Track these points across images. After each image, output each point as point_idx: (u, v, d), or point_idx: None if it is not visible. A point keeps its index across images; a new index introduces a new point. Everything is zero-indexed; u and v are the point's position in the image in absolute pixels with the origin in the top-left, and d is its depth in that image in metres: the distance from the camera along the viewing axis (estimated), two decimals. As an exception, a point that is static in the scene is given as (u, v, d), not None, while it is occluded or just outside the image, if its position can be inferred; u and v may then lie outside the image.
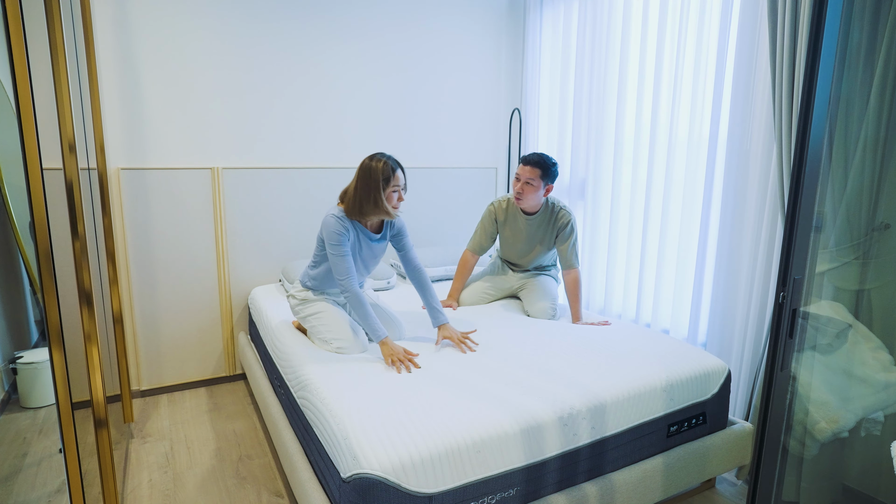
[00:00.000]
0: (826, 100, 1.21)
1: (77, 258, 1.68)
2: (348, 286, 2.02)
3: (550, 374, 1.86)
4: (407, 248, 2.25)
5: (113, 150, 2.67)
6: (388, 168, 2.04)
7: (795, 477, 1.65)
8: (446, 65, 3.42)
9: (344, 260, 2.02)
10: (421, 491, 1.43)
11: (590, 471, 1.75)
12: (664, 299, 2.70)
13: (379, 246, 2.20)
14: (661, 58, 2.58)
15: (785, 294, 1.24)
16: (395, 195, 2.07)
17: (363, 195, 2.04)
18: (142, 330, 2.85)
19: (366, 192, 2.03)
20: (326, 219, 2.05)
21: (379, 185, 2.02)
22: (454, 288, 2.72)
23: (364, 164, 2.07)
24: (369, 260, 2.20)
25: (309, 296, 2.21)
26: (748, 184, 2.26)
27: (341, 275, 2.02)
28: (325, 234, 2.04)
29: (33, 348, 2.20)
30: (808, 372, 1.59)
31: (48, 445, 1.98)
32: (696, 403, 1.95)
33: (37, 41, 1.76)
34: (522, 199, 2.46)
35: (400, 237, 2.24)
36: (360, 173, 2.05)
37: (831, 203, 1.58)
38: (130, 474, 2.21)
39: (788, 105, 1.91)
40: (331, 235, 2.02)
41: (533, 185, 2.42)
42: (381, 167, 2.03)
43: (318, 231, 2.13)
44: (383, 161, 2.05)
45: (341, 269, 2.02)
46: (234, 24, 2.84)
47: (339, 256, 2.02)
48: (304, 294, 2.22)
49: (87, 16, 2.34)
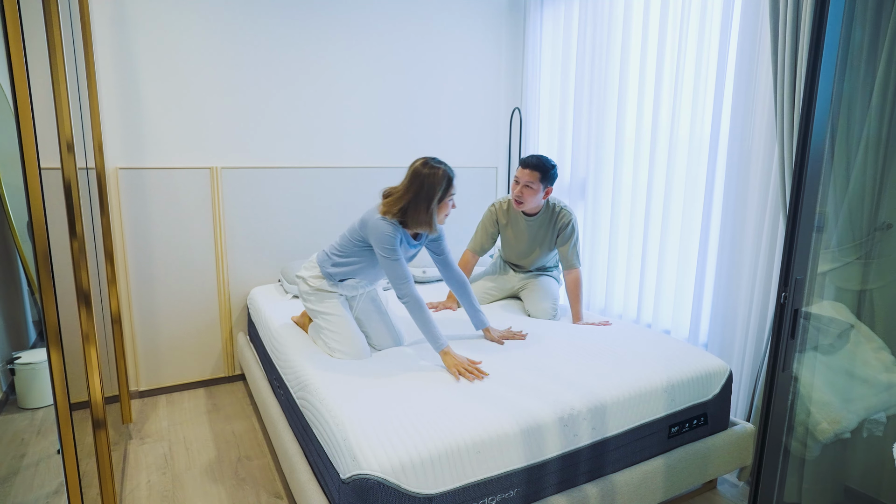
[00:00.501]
0: (828, 99, 1.20)
1: (75, 258, 1.67)
2: (408, 290, 1.93)
3: (551, 374, 1.85)
4: (446, 252, 2.16)
5: (111, 150, 2.66)
6: (446, 178, 1.93)
7: (797, 478, 1.64)
8: (446, 63, 3.41)
9: (399, 264, 1.93)
10: (421, 492, 1.42)
11: (590, 472, 1.74)
12: (665, 299, 2.69)
13: (415, 251, 2.12)
14: (662, 56, 2.57)
15: (787, 294, 1.23)
16: (450, 204, 1.98)
17: (414, 205, 1.93)
18: (140, 330, 2.84)
19: (418, 203, 1.92)
20: (376, 223, 1.94)
21: (434, 197, 1.92)
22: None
23: (417, 170, 1.94)
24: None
25: (324, 286, 2.12)
26: (749, 183, 2.25)
27: (399, 279, 1.93)
28: (376, 238, 1.94)
29: (31, 349, 2.19)
30: (809, 372, 1.59)
31: (46, 446, 1.98)
32: (698, 404, 1.95)
33: (35, 40, 1.75)
34: (523, 203, 2.45)
35: (438, 241, 2.15)
36: (414, 181, 1.93)
37: (833, 203, 1.57)
38: (129, 475, 2.20)
39: (790, 104, 1.91)
40: (384, 240, 1.92)
41: (532, 188, 2.40)
42: (440, 176, 1.92)
43: (353, 226, 2.05)
44: (441, 169, 1.93)
45: (399, 274, 1.93)
46: (234, 23, 2.83)
47: (394, 261, 1.93)
48: (320, 283, 2.13)
49: (85, 14, 2.33)
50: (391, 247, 1.93)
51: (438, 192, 1.93)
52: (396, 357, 2.02)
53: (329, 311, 2.10)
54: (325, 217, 3.19)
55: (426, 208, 1.94)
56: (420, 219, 1.95)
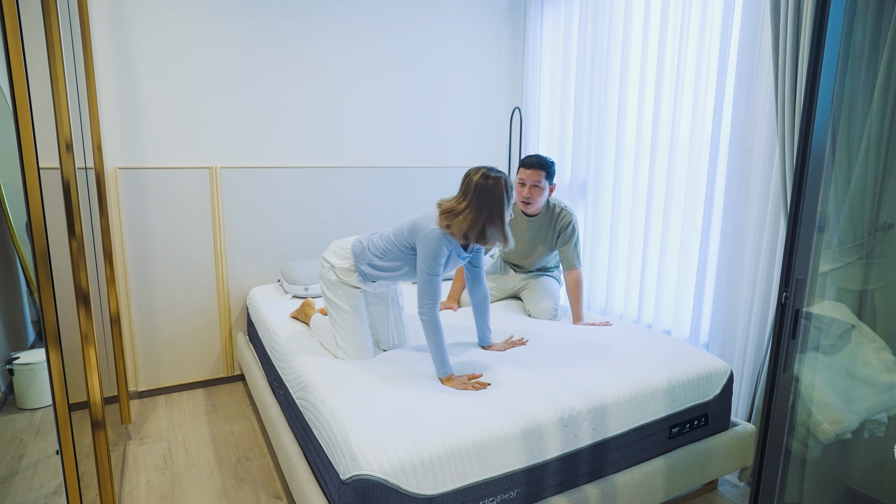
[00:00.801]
0: (829, 98, 1.20)
1: (74, 258, 1.67)
2: (431, 312, 1.86)
3: (551, 374, 1.84)
4: (482, 265, 2.12)
5: (110, 149, 2.65)
6: (510, 188, 1.85)
7: (798, 479, 1.63)
8: (446, 63, 3.40)
9: (435, 281, 1.86)
10: (421, 493, 1.41)
11: (591, 472, 1.73)
12: (666, 300, 2.69)
13: (462, 262, 2.03)
14: (663, 55, 2.56)
15: (788, 294, 1.23)
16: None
17: (489, 221, 1.84)
18: (139, 330, 2.83)
19: (492, 219, 1.84)
20: (431, 233, 1.85)
21: (505, 210, 1.84)
22: (454, 289, 2.71)
23: (480, 183, 1.84)
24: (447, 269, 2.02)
25: (352, 281, 2.05)
26: (751, 183, 2.24)
27: (428, 297, 1.86)
28: (426, 250, 1.85)
29: (30, 349, 2.19)
30: (810, 373, 1.58)
31: (45, 447, 1.97)
32: (698, 405, 1.94)
33: (33, 39, 1.75)
34: (531, 203, 2.45)
35: (480, 253, 2.09)
36: (483, 196, 1.83)
37: (834, 203, 1.57)
38: (128, 476, 2.19)
39: (791, 103, 1.90)
40: (433, 254, 1.84)
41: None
42: (506, 186, 1.84)
43: (401, 230, 1.96)
44: (502, 178, 1.85)
45: (430, 292, 1.86)
46: (234, 22, 2.82)
47: (432, 276, 1.86)
48: (349, 277, 2.04)
49: (83, 13, 2.33)
50: (437, 262, 1.86)
51: (507, 203, 1.87)
52: (398, 358, 2.02)
53: (347, 308, 2.04)
54: (324, 217, 3.18)
55: (501, 224, 1.86)
56: (494, 235, 1.88)
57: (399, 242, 1.96)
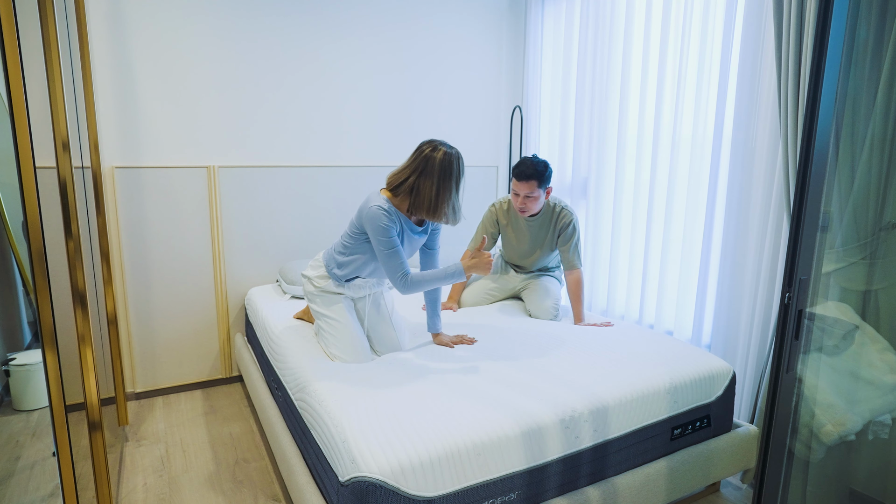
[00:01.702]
0: (832, 97, 1.19)
1: (71, 258, 1.66)
2: (404, 278, 1.84)
3: (552, 375, 1.83)
4: (437, 246, 2.11)
5: (107, 149, 2.64)
6: (462, 163, 1.84)
7: (801, 481, 1.62)
8: (446, 61, 3.39)
9: (396, 254, 1.84)
10: (420, 494, 1.40)
11: (592, 474, 1.72)
12: (668, 300, 2.67)
13: (419, 239, 2.03)
14: (665, 54, 2.55)
15: (791, 295, 1.22)
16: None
17: (436, 194, 1.81)
18: (136, 331, 2.82)
19: (445, 191, 1.82)
20: (372, 210, 1.84)
21: (451, 185, 1.82)
22: (454, 289, 2.70)
23: (428, 154, 1.82)
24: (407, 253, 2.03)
25: (330, 287, 2.06)
26: (753, 182, 2.23)
27: (395, 271, 1.84)
28: (372, 227, 1.84)
29: (26, 350, 2.17)
30: (814, 374, 1.57)
31: (41, 449, 1.96)
32: (701, 406, 1.93)
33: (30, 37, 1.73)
34: (527, 211, 2.45)
35: (437, 233, 2.09)
36: (428, 166, 1.81)
37: (838, 202, 1.56)
38: (125, 478, 2.18)
39: (794, 102, 1.89)
40: (379, 230, 1.83)
41: (534, 196, 2.39)
42: (458, 161, 1.82)
43: (353, 219, 1.97)
44: (454, 153, 1.83)
45: (395, 266, 1.84)
46: (231, 20, 2.81)
47: (391, 250, 1.84)
48: (325, 284, 2.07)
49: (80, 11, 2.31)
50: (386, 236, 1.83)
51: (460, 175, 1.84)
52: (396, 359, 2.01)
53: (332, 315, 2.05)
54: (323, 216, 3.17)
55: (448, 197, 1.83)
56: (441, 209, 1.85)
57: (352, 232, 1.98)
